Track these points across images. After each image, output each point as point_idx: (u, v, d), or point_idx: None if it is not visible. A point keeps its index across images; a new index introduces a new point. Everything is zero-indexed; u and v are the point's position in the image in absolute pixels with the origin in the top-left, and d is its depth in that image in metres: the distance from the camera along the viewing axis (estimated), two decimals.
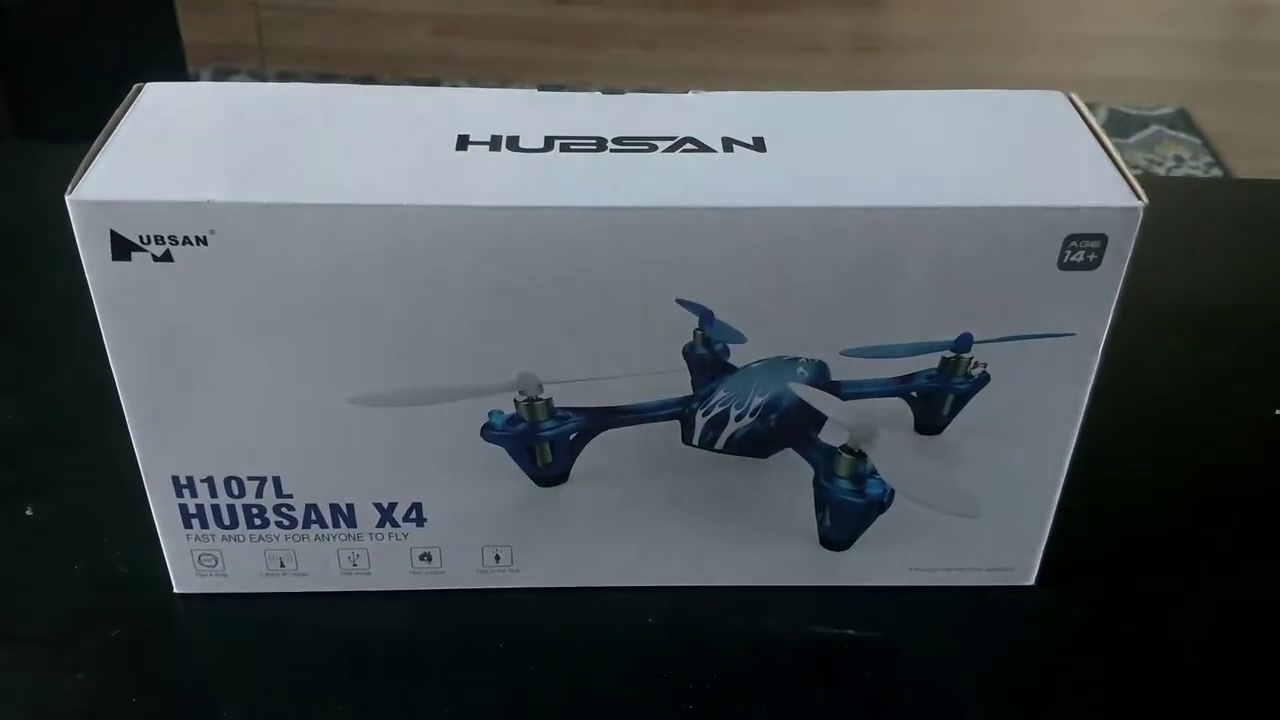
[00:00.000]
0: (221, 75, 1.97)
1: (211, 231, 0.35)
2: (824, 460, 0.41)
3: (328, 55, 2.07)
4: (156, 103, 0.39)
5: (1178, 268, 0.63)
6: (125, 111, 0.38)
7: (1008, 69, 2.04)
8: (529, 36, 2.18)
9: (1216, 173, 1.78)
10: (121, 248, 0.35)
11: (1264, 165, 1.80)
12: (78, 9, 1.44)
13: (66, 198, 0.34)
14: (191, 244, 0.35)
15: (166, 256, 0.35)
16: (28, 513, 0.47)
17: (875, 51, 2.19)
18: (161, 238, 0.35)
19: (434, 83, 1.94)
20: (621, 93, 0.41)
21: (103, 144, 0.37)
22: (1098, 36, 2.19)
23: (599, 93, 0.41)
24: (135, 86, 0.39)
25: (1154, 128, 1.87)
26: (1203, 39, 2.21)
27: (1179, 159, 1.79)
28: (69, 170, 0.35)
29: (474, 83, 1.98)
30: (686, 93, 0.41)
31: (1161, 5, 2.28)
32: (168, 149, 0.37)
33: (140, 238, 0.35)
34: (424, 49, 2.12)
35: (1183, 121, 1.89)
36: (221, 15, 2.11)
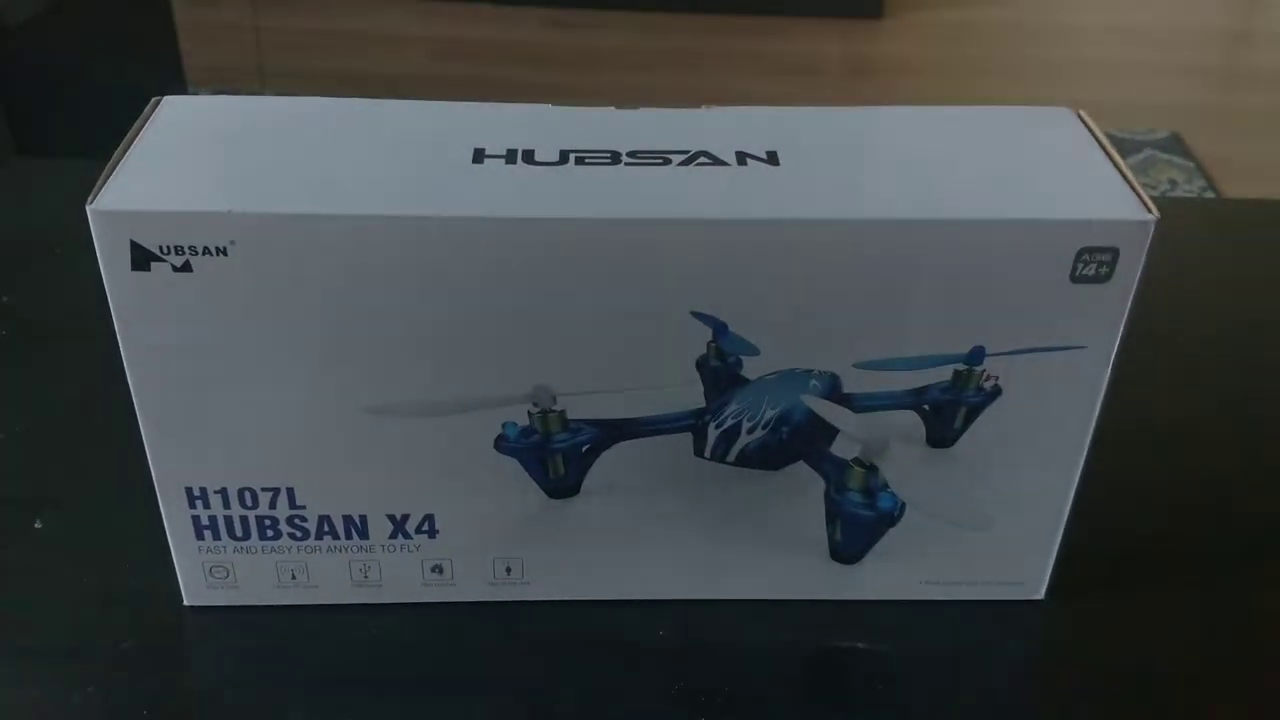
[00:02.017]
0: None
1: (231, 242, 0.35)
2: (835, 473, 0.41)
3: (327, 78, 2.08)
4: (175, 115, 0.39)
5: (1187, 284, 0.64)
6: (144, 124, 0.38)
7: (1002, 94, 2.05)
8: (527, 60, 2.19)
9: (1210, 196, 1.80)
10: (141, 258, 0.35)
11: (1257, 189, 1.81)
12: (80, 31, 1.45)
13: (88, 207, 0.35)
14: (211, 254, 0.35)
15: (186, 267, 0.35)
16: (36, 525, 0.47)
17: (871, 76, 2.21)
18: (181, 248, 0.35)
19: None
20: (635, 108, 0.41)
21: (122, 155, 0.37)
22: (1090, 61, 2.21)
23: (613, 108, 0.41)
24: (153, 100, 0.40)
25: (1147, 152, 1.88)
26: (1195, 64, 2.23)
27: (1173, 182, 1.81)
28: (73, 186, 0.35)
29: None
30: (700, 108, 0.41)
31: (1152, 31, 2.30)
32: (187, 160, 0.37)
33: (160, 248, 0.35)
34: (422, 72, 2.13)
35: (1176, 146, 1.91)
36: (221, 38, 2.12)
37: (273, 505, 0.41)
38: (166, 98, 0.40)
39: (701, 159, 0.38)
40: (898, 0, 2.36)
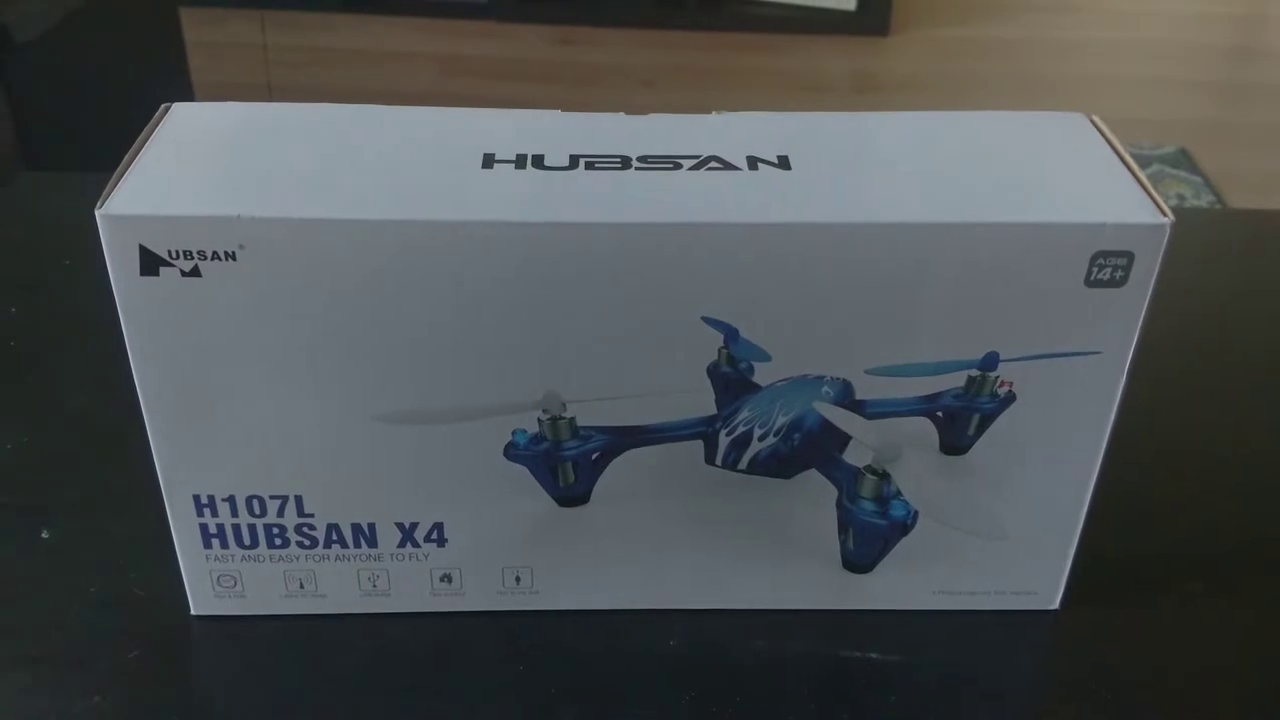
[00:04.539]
0: None
1: (241, 246, 0.35)
2: (847, 481, 0.41)
3: (335, 95, 2.08)
4: (184, 121, 0.39)
5: (1200, 292, 0.63)
6: (153, 130, 0.38)
7: (1008, 109, 2.05)
8: (533, 77, 2.20)
9: (1220, 209, 1.79)
10: (150, 263, 0.35)
11: (1265, 203, 1.81)
12: (90, 48, 1.46)
13: (96, 212, 0.34)
14: (220, 259, 0.35)
15: (195, 272, 0.35)
16: (43, 535, 0.47)
17: (876, 91, 2.21)
18: (190, 253, 0.35)
19: None
20: (645, 114, 0.41)
21: (131, 161, 0.37)
22: (1096, 77, 2.21)
23: (623, 114, 0.41)
24: (162, 106, 0.40)
25: (1155, 166, 1.88)
26: (1201, 79, 2.23)
27: (1181, 197, 1.80)
28: (82, 200, 0.35)
29: None
30: (710, 113, 0.41)
31: (1158, 46, 2.31)
32: (196, 165, 0.37)
33: (169, 253, 0.35)
34: (430, 89, 2.14)
35: (1184, 160, 1.91)
36: (231, 56, 2.13)
37: (281, 513, 0.40)
38: (175, 104, 0.40)
39: (712, 164, 0.38)
40: (903, 18, 2.36)
